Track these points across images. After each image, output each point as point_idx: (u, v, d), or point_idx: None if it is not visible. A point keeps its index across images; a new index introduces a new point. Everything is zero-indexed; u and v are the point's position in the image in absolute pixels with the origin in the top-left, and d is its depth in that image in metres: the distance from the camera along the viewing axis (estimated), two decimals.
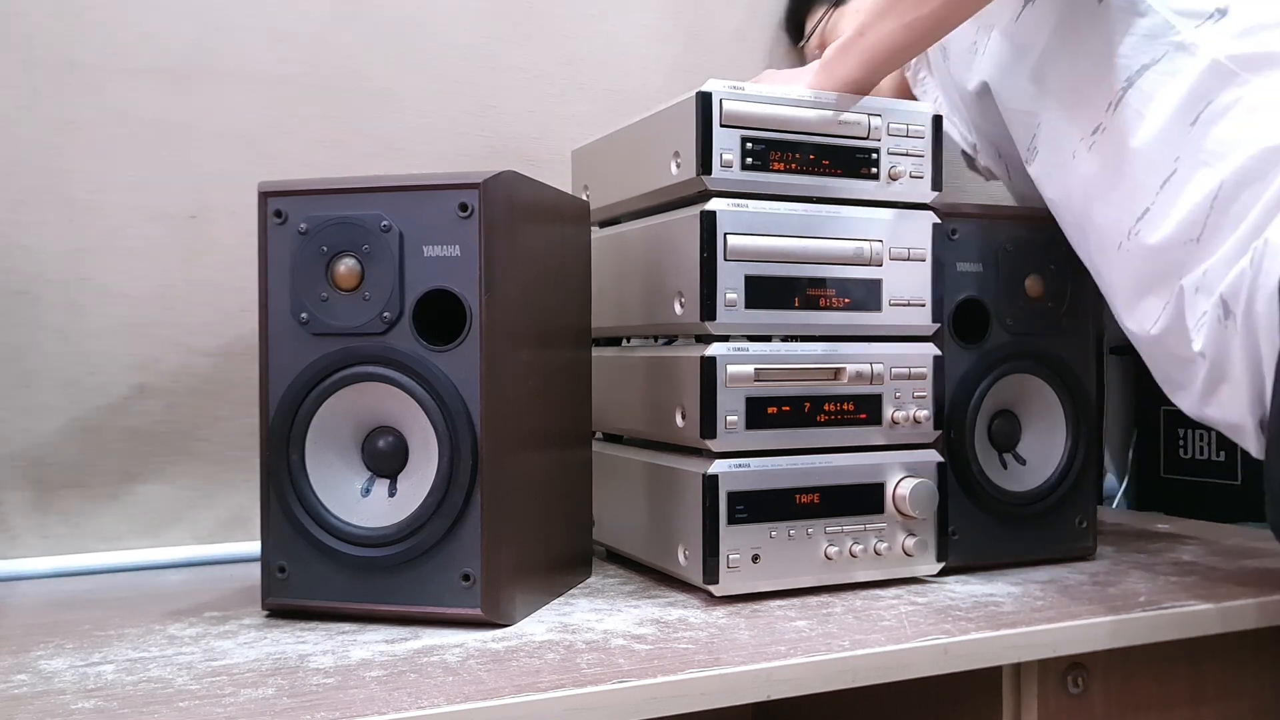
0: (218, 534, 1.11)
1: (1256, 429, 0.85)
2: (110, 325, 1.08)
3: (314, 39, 1.15)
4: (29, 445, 1.05)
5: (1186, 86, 0.88)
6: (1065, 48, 0.97)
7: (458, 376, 0.80)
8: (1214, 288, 0.85)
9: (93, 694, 0.66)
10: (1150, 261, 0.90)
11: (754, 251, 0.89)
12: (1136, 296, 0.93)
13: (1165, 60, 0.90)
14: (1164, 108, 0.89)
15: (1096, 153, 0.94)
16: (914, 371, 0.95)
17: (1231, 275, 0.83)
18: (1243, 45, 0.87)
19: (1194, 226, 0.87)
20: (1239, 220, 0.84)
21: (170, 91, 1.10)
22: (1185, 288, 0.88)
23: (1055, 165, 0.99)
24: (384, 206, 0.82)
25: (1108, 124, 0.93)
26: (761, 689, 0.71)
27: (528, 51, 1.26)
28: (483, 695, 0.65)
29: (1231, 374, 0.85)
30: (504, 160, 0.93)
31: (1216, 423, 0.91)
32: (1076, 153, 0.96)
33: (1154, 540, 1.18)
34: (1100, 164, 0.94)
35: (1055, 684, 0.85)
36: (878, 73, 0.94)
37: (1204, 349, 0.86)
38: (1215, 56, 0.88)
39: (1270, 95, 0.85)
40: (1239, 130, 0.86)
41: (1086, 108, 0.95)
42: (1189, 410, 0.93)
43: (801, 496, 0.91)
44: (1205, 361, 0.87)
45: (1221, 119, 0.87)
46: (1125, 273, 0.94)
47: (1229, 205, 0.85)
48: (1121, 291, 0.95)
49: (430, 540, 0.81)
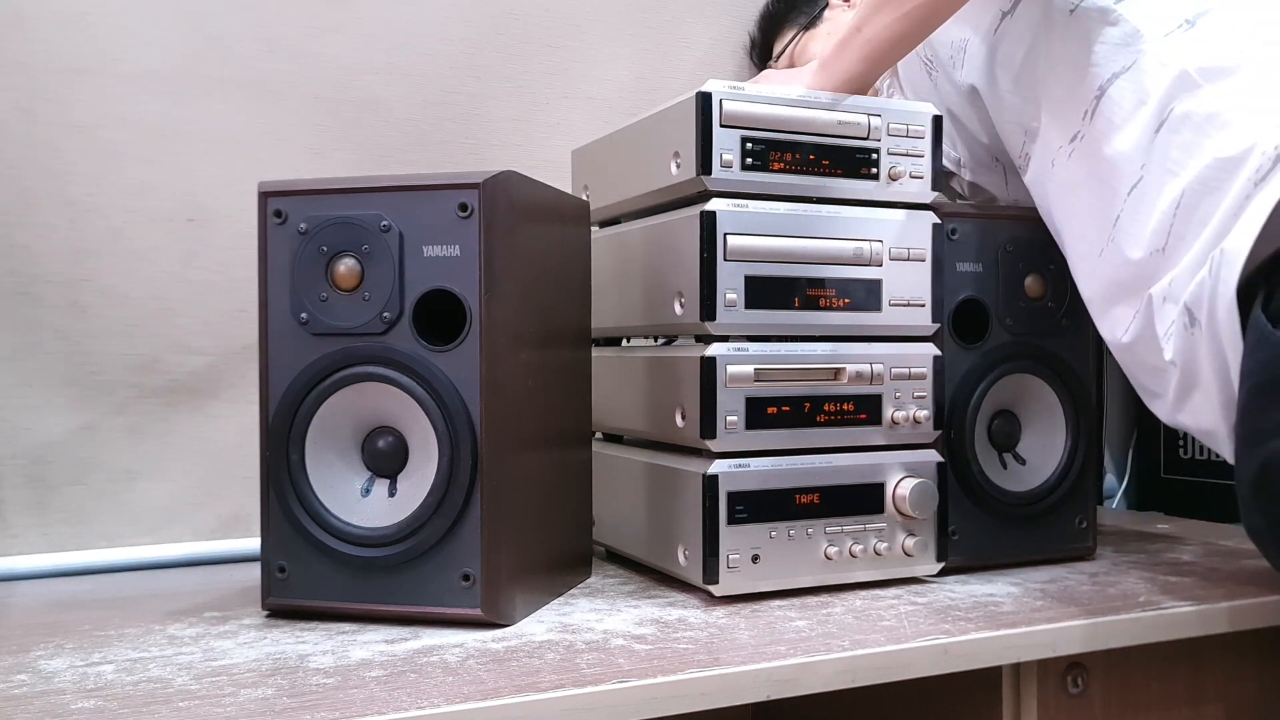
0: (218, 534, 1.11)
1: (1230, 435, 0.85)
2: (110, 325, 1.08)
3: (305, 47, 1.16)
4: (30, 445, 1.05)
5: (1153, 94, 0.89)
6: (1044, 58, 0.98)
7: (458, 376, 0.80)
8: (1179, 296, 0.85)
9: (93, 694, 0.66)
10: (1121, 269, 0.91)
11: (754, 251, 0.90)
12: (1109, 304, 0.94)
13: (1134, 68, 0.91)
14: (1133, 115, 0.90)
15: (1075, 161, 0.95)
16: (914, 371, 0.95)
17: (1193, 285, 0.84)
18: (1208, 56, 0.88)
19: (1160, 236, 0.88)
20: (1200, 229, 0.85)
21: (169, 97, 1.11)
22: (1154, 296, 0.88)
23: (1041, 173, 1.00)
24: (384, 206, 0.82)
25: (1085, 132, 0.94)
26: (761, 689, 0.71)
27: (513, 61, 1.27)
28: (483, 695, 0.65)
29: (1202, 381, 0.85)
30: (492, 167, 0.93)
31: (1191, 429, 0.91)
32: (1056, 160, 0.97)
33: (1154, 540, 1.18)
34: (1078, 172, 0.95)
35: (1055, 684, 0.85)
36: (877, 67, 0.94)
37: (1174, 357, 0.87)
38: (1183, 66, 0.88)
39: (1228, 104, 0.86)
40: (1198, 139, 0.86)
41: (1067, 116, 0.95)
42: (1164, 417, 0.93)
43: (801, 496, 0.91)
44: (1176, 370, 0.87)
45: (1183, 127, 0.87)
46: (1100, 279, 0.94)
47: (1191, 214, 0.85)
48: (1096, 300, 0.96)
49: (430, 540, 0.81)
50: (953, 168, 1.14)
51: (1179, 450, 1.42)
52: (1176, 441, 1.42)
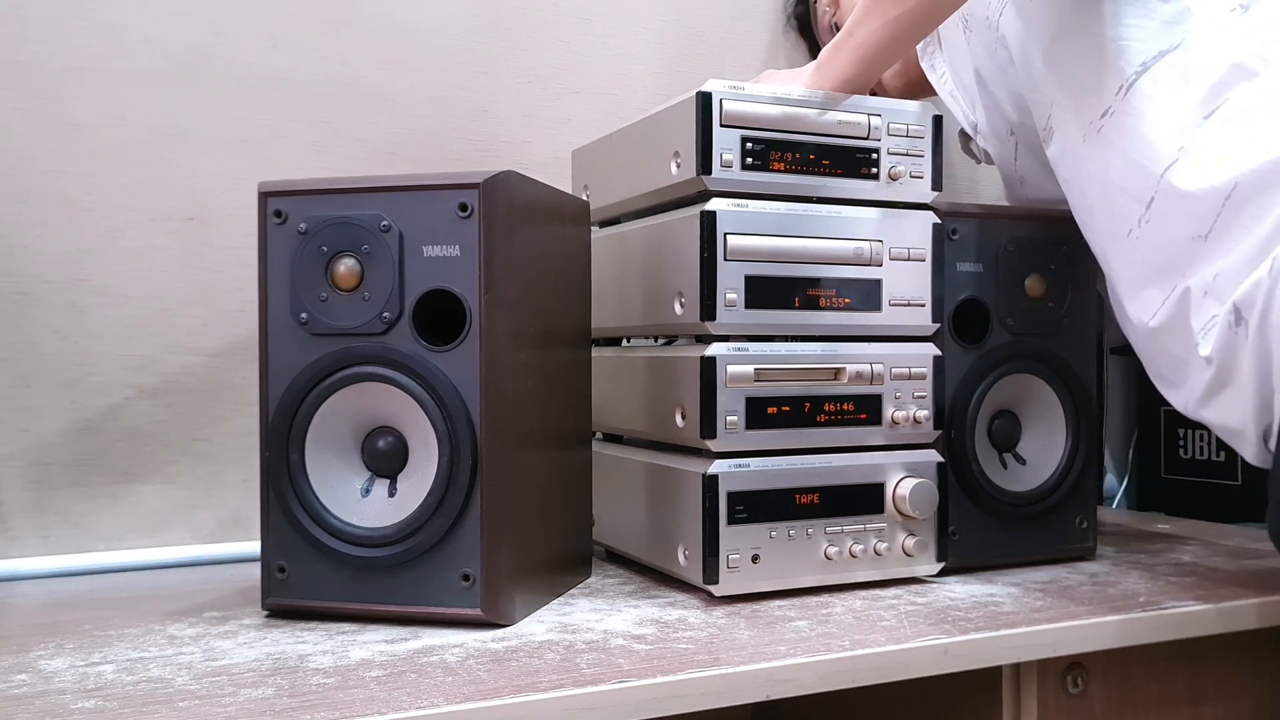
0: (218, 534, 1.11)
1: (1259, 437, 0.85)
2: (110, 326, 1.08)
3: (309, 44, 1.16)
4: (29, 445, 1.05)
5: (1202, 78, 0.87)
6: (1079, 29, 0.95)
7: (458, 376, 0.80)
8: (1225, 294, 0.84)
9: (93, 694, 0.66)
10: (1159, 251, 0.89)
11: (754, 251, 0.89)
12: (1139, 286, 0.92)
13: (1181, 48, 0.88)
14: (1175, 96, 0.88)
15: (1105, 136, 0.92)
16: (914, 371, 0.95)
17: (1247, 283, 0.82)
18: (1265, 43, 0.86)
19: (1201, 222, 0.86)
20: (1255, 224, 0.83)
21: (169, 94, 1.10)
22: (1193, 290, 0.87)
23: (1067, 147, 0.97)
24: (384, 206, 0.82)
25: (1118, 108, 0.91)
26: (761, 689, 0.71)
27: (522, 56, 1.26)
28: (483, 695, 0.65)
29: (1238, 380, 0.85)
30: (498, 165, 0.93)
31: (1213, 425, 0.90)
32: (1086, 136, 0.94)
33: (1154, 540, 1.18)
34: (1108, 148, 0.92)
35: (1055, 684, 0.85)
36: (870, 70, 0.94)
37: (1211, 354, 0.85)
38: (1238, 51, 0.86)
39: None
40: (1259, 130, 0.84)
41: (1098, 90, 0.93)
42: (1182, 407, 0.92)
43: (801, 496, 0.91)
44: (1211, 366, 0.86)
45: (1240, 116, 0.85)
46: (1131, 260, 0.92)
47: (1243, 206, 0.83)
48: (1126, 280, 0.93)
49: (430, 540, 0.81)
50: (969, 131, 1.12)
51: (1179, 450, 1.42)
52: (1177, 441, 1.42)
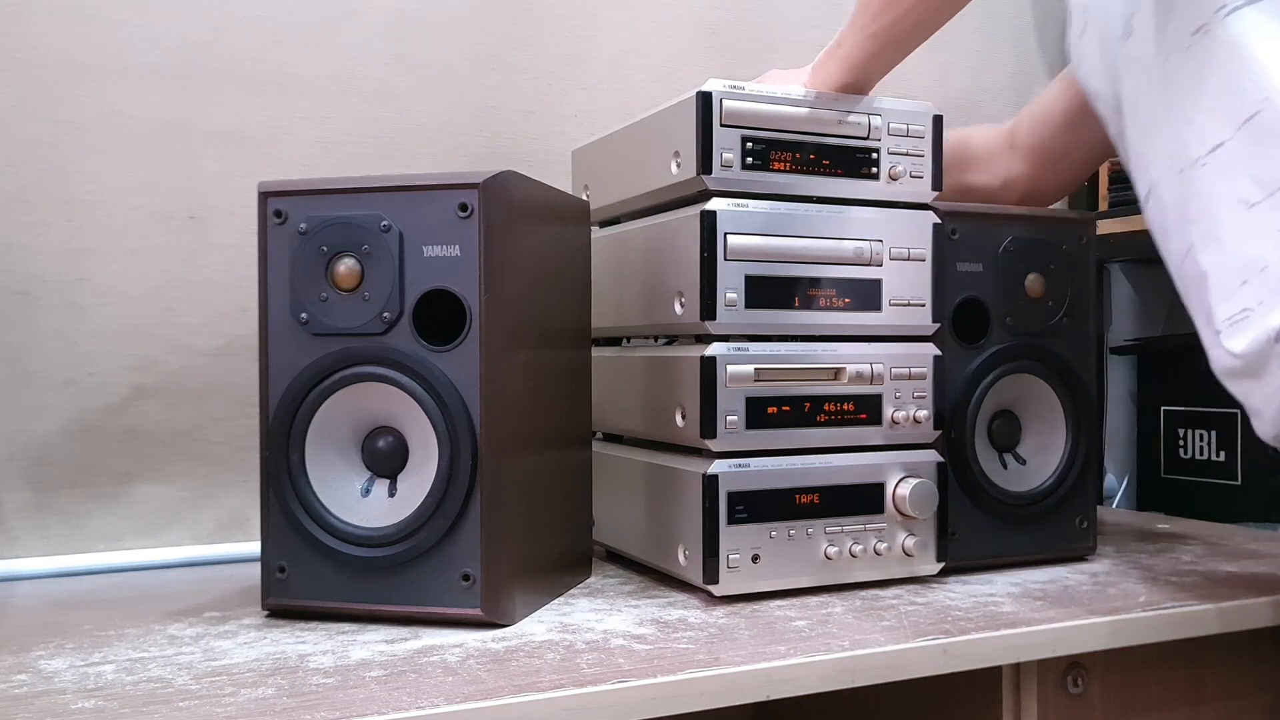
0: (217, 534, 1.11)
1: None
2: (110, 325, 1.08)
3: (312, 39, 1.15)
4: (29, 445, 1.05)
5: None
6: None
7: (457, 376, 0.80)
8: None
9: (93, 694, 0.66)
10: (1204, 199, 0.83)
11: (754, 251, 0.89)
12: (1183, 221, 0.86)
13: None
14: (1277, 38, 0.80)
15: (1190, 56, 0.84)
16: (914, 371, 0.95)
17: None
18: None
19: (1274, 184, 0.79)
20: None
21: (170, 91, 1.10)
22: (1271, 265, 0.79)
23: (1142, 55, 0.90)
24: (384, 206, 0.82)
25: (1212, 26, 0.82)
26: (761, 689, 0.71)
27: (527, 52, 1.25)
28: (483, 695, 0.65)
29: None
30: (504, 161, 0.93)
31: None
32: (1170, 55, 0.86)
33: (1154, 540, 1.17)
34: (1186, 69, 0.85)
35: (1055, 684, 0.85)
36: (863, 77, 0.93)
37: None
38: None
39: None
40: None
41: (1198, 4, 0.84)
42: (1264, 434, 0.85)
43: (801, 496, 0.91)
44: None
45: None
46: (1177, 198, 0.86)
47: None
48: (1173, 214, 0.87)
49: (430, 540, 0.81)
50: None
51: (1179, 450, 1.42)
52: (1176, 441, 1.43)
